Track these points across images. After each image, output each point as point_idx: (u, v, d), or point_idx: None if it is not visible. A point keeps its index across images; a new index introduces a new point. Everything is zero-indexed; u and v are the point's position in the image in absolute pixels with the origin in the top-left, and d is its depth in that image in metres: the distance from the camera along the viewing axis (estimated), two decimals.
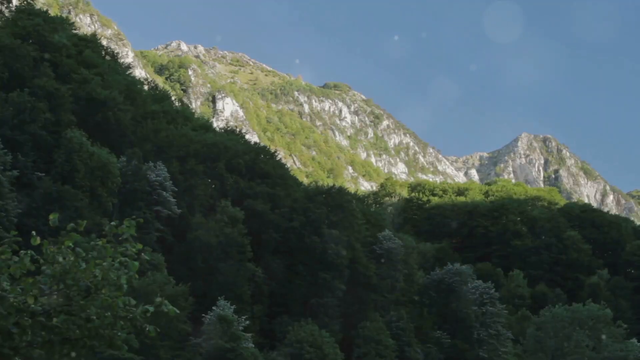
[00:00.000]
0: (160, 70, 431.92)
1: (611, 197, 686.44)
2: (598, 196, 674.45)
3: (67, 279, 17.82)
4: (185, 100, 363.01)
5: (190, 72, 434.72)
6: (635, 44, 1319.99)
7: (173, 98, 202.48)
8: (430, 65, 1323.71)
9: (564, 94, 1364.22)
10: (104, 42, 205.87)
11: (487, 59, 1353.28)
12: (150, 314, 18.42)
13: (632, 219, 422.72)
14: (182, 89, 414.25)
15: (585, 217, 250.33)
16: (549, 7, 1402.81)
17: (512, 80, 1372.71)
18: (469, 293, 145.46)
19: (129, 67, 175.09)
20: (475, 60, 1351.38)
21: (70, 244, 18.09)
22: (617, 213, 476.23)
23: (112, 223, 18.79)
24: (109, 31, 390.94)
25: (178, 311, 19.06)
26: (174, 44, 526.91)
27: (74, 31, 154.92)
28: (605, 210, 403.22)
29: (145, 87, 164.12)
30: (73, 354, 17.94)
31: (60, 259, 17.91)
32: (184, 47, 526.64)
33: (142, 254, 19.40)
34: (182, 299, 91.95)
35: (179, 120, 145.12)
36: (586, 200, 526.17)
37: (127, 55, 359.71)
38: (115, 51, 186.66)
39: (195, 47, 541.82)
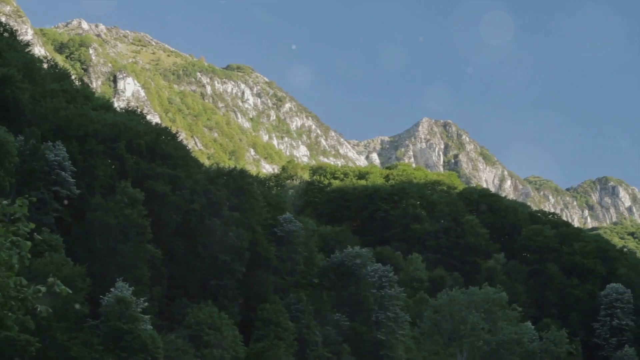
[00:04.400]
0: (60, 48, 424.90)
1: (509, 182, 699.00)
2: (496, 181, 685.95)
3: None
4: (85, 79, 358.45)
5: (91, 51, 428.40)
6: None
7: (73, 77, 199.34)
8: (336, 51, 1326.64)
9: (462, 78, 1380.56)
10: (2, 19, 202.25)
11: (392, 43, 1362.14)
12: (42, 294, 18.22)
13: (528, 203, 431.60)
14: (82, 68, 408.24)
15: (483, 201, 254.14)
16: None
17: (415, 65, 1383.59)
18: (368, 276, 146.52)
19: (28, 44, 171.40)
20: (380, 44, 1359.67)
21: None
22: (514, 198, 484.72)
23: (4, 202, 18.52)
24: (8, 7, 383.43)
25: (70, 291, 18.89)
26: (74, 22, 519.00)
27: None
28: (503, 195, 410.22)
29: (45, 66, 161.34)
30: None
31: None
32: (84, 25, 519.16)
33: (35, 233, 19.13)
34: (79, 280, 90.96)
35: (79, 99, 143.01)
36: (484, 185, 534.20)
37: (26, 33, 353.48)
38: (14, 28, 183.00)
39: (97, 26, 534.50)
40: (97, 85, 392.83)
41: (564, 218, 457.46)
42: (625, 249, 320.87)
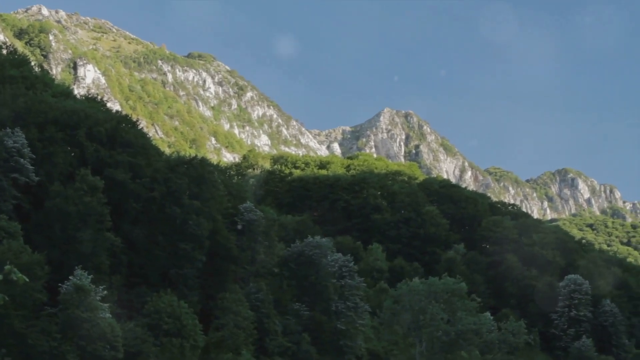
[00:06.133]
0: (19, 34, 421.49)
1: (469, 173, 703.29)
2: (457, 172, 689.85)
3: None
4: (45, 66, 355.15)
5: (51, 38, 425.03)
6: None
7: (33, 63, 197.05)
8: (300, 41, 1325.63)
9: (425, 68, 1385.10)
10: None
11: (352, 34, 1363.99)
12: None
13: (488, 194, 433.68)
14: (42, 55, 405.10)
15: (443, 192, 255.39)
16: None
17: (375, 54, 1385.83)
18: (329, 266, 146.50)
19: None
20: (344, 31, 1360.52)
21: None
22: (474, 189, 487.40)
23: None
24: None
25: (27, 279, 18.61)
26: (34, 8, 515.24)
27: None
28: (463, 186, 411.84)
29: (4, 52, 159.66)
30: None
31: None
32: (44, 11, 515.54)
33: None
34: (38, 268, 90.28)
35: (39, 86, 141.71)
36: (445, 176, 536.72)
37: None
38: None
39: (57, 12, 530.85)
40: (57, 72, 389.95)
41: (524, 209, 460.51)
42: (583, 241, 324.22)
